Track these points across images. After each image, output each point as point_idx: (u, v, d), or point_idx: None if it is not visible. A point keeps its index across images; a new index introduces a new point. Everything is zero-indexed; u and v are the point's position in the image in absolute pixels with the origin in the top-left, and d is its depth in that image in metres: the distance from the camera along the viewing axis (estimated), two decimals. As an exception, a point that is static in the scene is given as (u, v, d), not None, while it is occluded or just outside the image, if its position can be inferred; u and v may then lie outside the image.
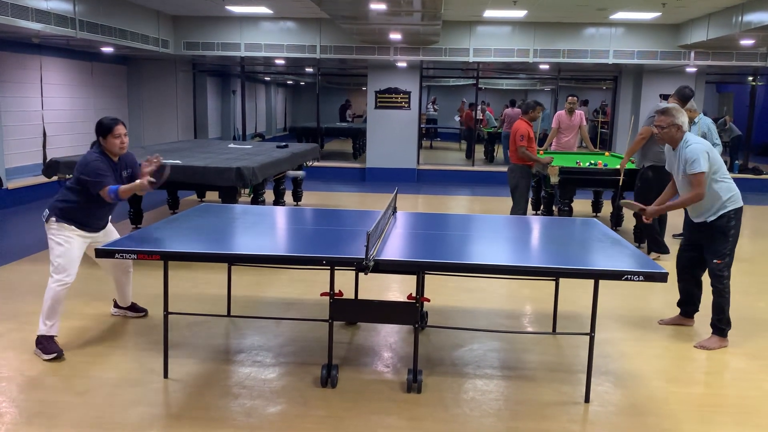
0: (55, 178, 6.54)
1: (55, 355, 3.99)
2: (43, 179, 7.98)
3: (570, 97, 9.03)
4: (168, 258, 3.55)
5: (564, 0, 9.29)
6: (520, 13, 10.63)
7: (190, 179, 6.51)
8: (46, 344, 4.02)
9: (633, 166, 7.13)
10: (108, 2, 9.36)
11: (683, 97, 6.63)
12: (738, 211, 4.43)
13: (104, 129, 4.14)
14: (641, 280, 3.31)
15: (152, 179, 4.18)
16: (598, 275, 3.45)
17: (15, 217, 8.73)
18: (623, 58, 11.73)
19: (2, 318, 4.73)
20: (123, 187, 4.10)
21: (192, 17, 11.77)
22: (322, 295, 3.77)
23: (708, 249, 4.49)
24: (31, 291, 5.31)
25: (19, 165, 9.97)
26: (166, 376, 3.79)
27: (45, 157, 10.31)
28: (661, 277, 3.31)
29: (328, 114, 20.23)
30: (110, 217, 4.46)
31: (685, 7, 9.50)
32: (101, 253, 3.52)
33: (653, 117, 6.05)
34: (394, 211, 4.93)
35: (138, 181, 4.15)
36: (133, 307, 4.82)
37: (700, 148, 4.35)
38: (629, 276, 3.30)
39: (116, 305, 4.83)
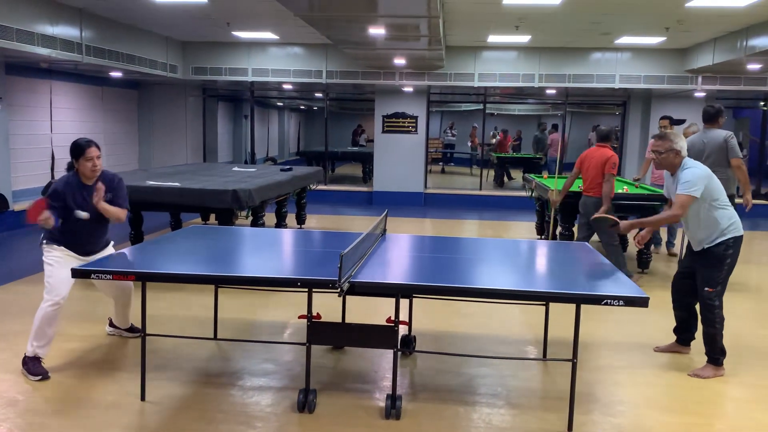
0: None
1: (40, 377, 3.98)
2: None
3: (662, 120, 8.00)
4: (144, 279, 3.53)
5: (566, 25, 9.28)
6: (524, 38, 10.65)
7: (188, 202, 6.53)
8: (31, 366, 4.01)
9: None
10: (115, 28, 9.52)
11: (707, 117, 6.20)
12: (737, 240, 4.30)
13: (77, 151, 4.10)
14: (621, 305, 3.23)
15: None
16: (578, 300, 3.37)
17: (17, 239, 8.81)
18: (630, 82, 11.66)
19: (-10, 338, 4.73)
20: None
21: (201, 43, 11.94)
22: (299, 317, 3.72)
23: (701, 276, 4.37)
24: (23, 312, 5.31)
25: (26, 187, 10.09)
26: (143, 398, 3.75)
27: (53, 180, 10.45)
28: (642, 302, 3.22)
29: (340, 138, 20.33)
30: (110, 242, 4.41)
31: (690, 32, 9.45)
32: (77, 273, 3.51)
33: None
34: (383, 233, 4.88)
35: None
36: (131, 328, 4.81)
37: (699, 173, 4.24)
38: (609, 300, 3.22)
39: (111, 324, 4.82)
